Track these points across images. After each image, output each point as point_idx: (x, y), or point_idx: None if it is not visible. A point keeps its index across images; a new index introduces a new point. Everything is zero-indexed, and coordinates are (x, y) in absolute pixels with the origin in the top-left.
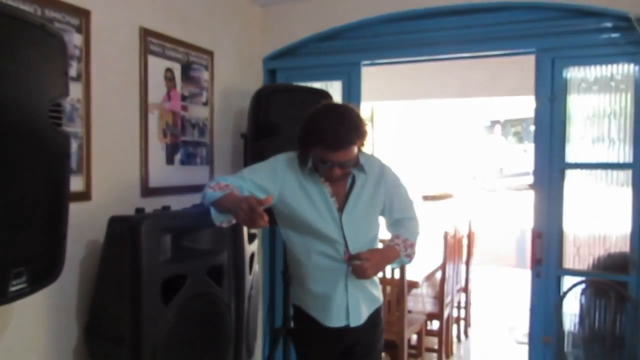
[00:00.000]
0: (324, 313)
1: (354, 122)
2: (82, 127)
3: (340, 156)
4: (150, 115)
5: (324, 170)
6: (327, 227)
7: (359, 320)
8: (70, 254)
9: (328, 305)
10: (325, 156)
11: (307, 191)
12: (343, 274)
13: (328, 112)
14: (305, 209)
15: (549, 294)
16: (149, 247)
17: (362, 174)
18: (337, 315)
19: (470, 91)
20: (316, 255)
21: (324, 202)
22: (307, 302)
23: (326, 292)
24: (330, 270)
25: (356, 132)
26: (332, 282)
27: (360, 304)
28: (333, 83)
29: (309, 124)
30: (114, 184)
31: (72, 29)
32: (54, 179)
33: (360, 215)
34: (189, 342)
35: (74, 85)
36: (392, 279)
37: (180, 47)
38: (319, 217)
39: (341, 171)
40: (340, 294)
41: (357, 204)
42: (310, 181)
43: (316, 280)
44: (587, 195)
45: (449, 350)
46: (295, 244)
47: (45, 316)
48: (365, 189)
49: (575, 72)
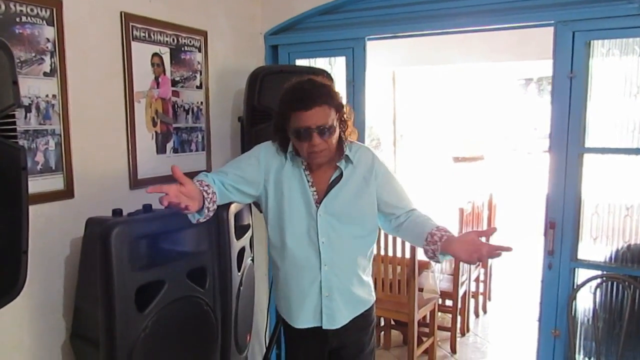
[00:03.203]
0: (293, 314)
1: (323, 83)
2: (59, 124)
3: (314, 116)
4: (136, 104)
5: (305, 147)
6: (300, 221)
7: (335, 324)
8: (55, 253)
9: (300, 306)
10: (299, 122)
11: (287, 179)
12: (317, 275)
13: (297, 80)
14: (282, 199)
15: (561, 286)
16: (119, 255)
17: (349, 164)
18: (305, 316)
19: (495, 55)
20: (290, 255)
21: (302, 192)
22: (280, 304)
23: (299, 294)
24: (303, 271)
25: (326, 90)
26: (307, 282)
27: (340, 307)
28: (337, 59)
29: (282, 97)
30: (99, 179)
31: (43, 22)
32: (9, 194)
33: (341, 210)
34: (171, 344)
35: (48, 81)
36: (402, 259)
37: (168, 30)
38: (294, 209)
39: (321, 140)
40: (314, 295)
41: (338, 196)
42: (291, 169)
43: (288, 281)
44: (606, 183)
45: (465, 328)
46: (272, 244)
47: (30, 316)
48: (351, 181)
49: (598, 46)
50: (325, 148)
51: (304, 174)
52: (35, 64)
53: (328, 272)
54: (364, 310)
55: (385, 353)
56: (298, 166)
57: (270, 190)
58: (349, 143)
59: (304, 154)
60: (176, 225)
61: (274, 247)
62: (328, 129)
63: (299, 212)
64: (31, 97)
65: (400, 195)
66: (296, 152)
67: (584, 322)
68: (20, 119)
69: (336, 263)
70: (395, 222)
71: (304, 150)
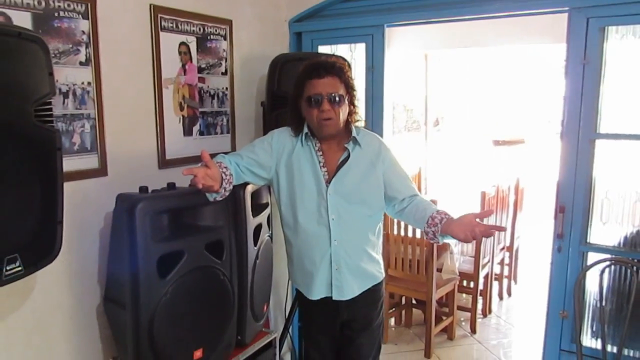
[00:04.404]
0: (308, 287)
1: (336, 60)
2: (94, 109)
3: (326, 84)
4: (164, 90)
5: (316, 114)
6: (311, 200)
7: (344, 295)
8: (91, 225)
9: (312, 279)
10: (313, 89)
11: (299, 161)
12: (327, 249)
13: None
14: (293, 180)
15: (570, 269)
16: (143, 227)
17: (358, 147)
18: (318, 288)
19: (528, 38)
20: (302, 231)
21: (313, 172)
22: (295, 277)
23: (311, 268)
24: (315, 245)
25: (338, 66)
26: (318, 257)
27: (348, 279)
28: (357, 45)
29: (299, 73)
30: (130, 159)
31: (78, 16)
32: (46, 172)
33: (349, 190)
34: (190, 308)
35: (84, 69)
36: (421, 240)
37: (195, 20)
38: (305, 188)
39: (330, 107)
40: (324, 269)
41: (346, 175)
42: (303, 151)
43: (301, 257)
44: (617, 169)
45: (487, 309)
46: (285, 222)
47: (69, 280)
48: (359, 162)
49: (613, 33)
50: (333, 117)
51: (317, 154)
52: (72, 54)
53: (337, 247)
54: (373, 285)
55: (405, 330)
56: (311, 148)
57: (281, 173)
58: (357, 128)
59: (314, 123)
60: (195, 202)
61: (287, 225)
62: (338, 98)
63: (310, 191)
64: (68, 84)
65: (405, 180)
66: (310, 133)
67: (592, 304)
68: (59, 104)
69: (345, 239)
70: (398, 207)
71: (314, 118)
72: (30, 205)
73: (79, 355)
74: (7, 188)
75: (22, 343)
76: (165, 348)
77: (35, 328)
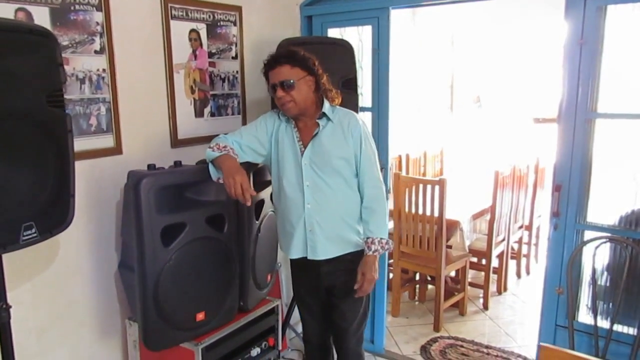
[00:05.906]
0: (288, 247)
1: (290, 49)
2: (109, 93)
3: (277, 73)
4: (176, 75)
5: (276, 100)
6: (291, 170)
7: (317, 255)
8: (107, 198)
9: (291, 239)
10: (270, 80)
11: (282, 138)
12: (302, 212)
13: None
14: (278, 154)
15: (567, 247)
16: (147, 200)
17: (330, 122)
18: (295, 247)
19: None
20: (283, 197)
21: (291, 146)
22: (280, 241)
23: (290, 229)
24: (293, 209)
25: (290, 53)
26: (295, 219)
27: (322, 241)
28: (364, 28)
29: None
30: (144, 139)
31: (92, 9)
32: (59, 151)
33: (321, 159)
34: (193, 275)
35: (99, 57)
36: (431, 217)
37: (205, 8)
38: (286, 161)
39: (284, 93)
40: (300, 230)
41: (318, 146)
42: (285, 129)
43: (283, 220)
44: (614, 149)
45: (502, 287)
46: (274, 191)
47: (88, 248)
48: (330, 134)
49: (612, 11)
50: (289, 100)
51: (294, 131)
52: (87, 44)
53: (310, 210)
54: (351, 253)
55: (419, 305)
56: (290, 127)
57: (273, 149)
58: (333, 107)
59: (280, 107)
60: (197, 178)
61: (275, 193)
62: (289, 84)
63: (290, 162)
64: (85, 71)
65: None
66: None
67: (587, 281)
68: (77, 89)
69: (319, 204)
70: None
71: (277, 103)
72: (46, 180)
73: (99, 314)
74: (25, 165)
75: (47, 302)
76: (169, 309)
77: (59, 290)
